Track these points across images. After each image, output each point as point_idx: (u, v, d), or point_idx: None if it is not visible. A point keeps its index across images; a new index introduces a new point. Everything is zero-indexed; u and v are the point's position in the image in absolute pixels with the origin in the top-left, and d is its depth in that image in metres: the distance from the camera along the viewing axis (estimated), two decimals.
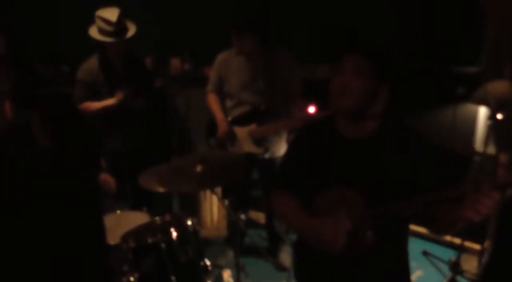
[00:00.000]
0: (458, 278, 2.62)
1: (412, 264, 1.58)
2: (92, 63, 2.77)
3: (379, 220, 1.35)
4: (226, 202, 3.20)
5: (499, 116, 2.24)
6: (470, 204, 1.15)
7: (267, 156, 2.80)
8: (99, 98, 2.77)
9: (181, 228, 2.08)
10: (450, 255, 2.68)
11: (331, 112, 1.50)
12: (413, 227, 3.07)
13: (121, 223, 2.33)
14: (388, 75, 1.39)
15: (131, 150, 2.91)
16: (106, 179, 2.49)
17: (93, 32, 2.67)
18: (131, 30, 2.72)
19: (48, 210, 1.63)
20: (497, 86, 2.30)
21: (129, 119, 2.85)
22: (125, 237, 2.06)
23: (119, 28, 2.63)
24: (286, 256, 3.02)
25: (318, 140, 1.52)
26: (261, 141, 2.76)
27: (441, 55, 2.79)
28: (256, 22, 2.56)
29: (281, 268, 3.00)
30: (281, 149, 2.84)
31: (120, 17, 2.63)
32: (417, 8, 2.84)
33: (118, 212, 2.45)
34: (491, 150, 2.41)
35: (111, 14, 2.62)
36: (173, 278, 1.98)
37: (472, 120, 2.79)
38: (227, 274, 2.76)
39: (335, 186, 1.42)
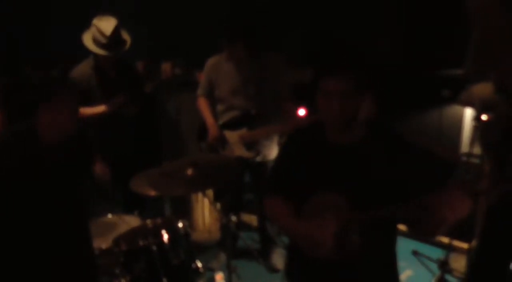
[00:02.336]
0: (447, 276, 2.66)
1: (402, 263, 1.61)
2: (84, 68, 2.76)
3: (365, 223, 1.38)
4: (218, 205, 3.22)
5: (484, 117, 2.29)
6: (445, 204, 1.19)
7: (258, 159, 2.82)
8: (90, 103, 2.76)
9: (172, 231, 2.10)
10: (439, 254, 2.72)
11: (320, 120, 1.52)
12: (403, 227, 3.11)
13: (112, 226, 2.34)
14: (371, 83, 1.41)
15: (122, 155, 2.91)
16: (100, 168, 2.49)
17: (87, 40, 2.65)
18: (126, 43, 2.71)
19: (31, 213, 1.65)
20: (482, 89, 2.34)
21: (120, 125, 2.86)
22: (116, 240, 2.07)
23: (113, 41, 2.62)
24: (278, 258, 3.04)
25: (308, 146, 1.55)
26: (252, 144, 2.79)
27: (427, 58, 2.84)
28: (247, 32, 2.58)
29: (273, 270, 3.01)
30: (272, 152, 2.86)
31: (116, 29, 2.61)
32: (402, 11, 2.89)
33: (110, 215, 2.46)
34: (477, 150, 2.46)
35: (107, 25, 2.60)
36: (164, 280, 2.00)
37: (458, 122, 2.83)
38: (219, 277, 2.77)
39: (323, 191, 1.44)
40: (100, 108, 2.73)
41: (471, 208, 1.19)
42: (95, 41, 2.63)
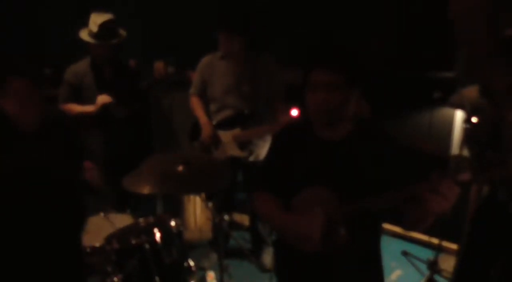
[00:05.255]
0: (436, 277, 2.69)
1: (392, 263, 1.63)
2: (81, 66, 2.81)
3: (352, 217, 1.41)
4: (210, 204, 3.22)
5: (473, 120, 2.32)
6: (432, 194, 1.21)
7: (251, 159, 2.83)
8: (82, 101, 2.78)
9: (165, 229, 2.10)
10: (428, 255, 2.75)
11: (308, 116, 1.55)
12: (393, 228, 3.15)
13: (104, 225, 2.33)
14: (359, 80, 1.45)
15: (115, 153, 2.91)
16: (91, 174, 2.46)
17: (83, 33, 2.71)
18: (119, 37, 2.74)
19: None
20: (473, 91, 2.37)
21: (112, 125, 2.86)
22: (108, 239, 2.07)
23: (104, 31, 2.66)
24: (269, 258, 3.05)
25: (296, 142, 1.58)
26: (245, 144, 2.80)
27: (419, 59, 2.87)
28: (245, 24, 2.58)
29: (264, 269, 3.03)
30: (264, 152, 2.86)
31: (109, 21, 2.67)
32: (395, 14, 2.92)
33: (102, 214, 2.45)
34: (466, 153, 2.49)
35: (101, 17, 2.67)
36: (157, 279, 1.99)
37: (449, 124, 2.87)
38: (211, 276, 2.77)
39: (310, 185, 1.47)
40: (88, 108, 2.74)
41: (457, 196, 1.20)
42: (89, 33, 2.70)
